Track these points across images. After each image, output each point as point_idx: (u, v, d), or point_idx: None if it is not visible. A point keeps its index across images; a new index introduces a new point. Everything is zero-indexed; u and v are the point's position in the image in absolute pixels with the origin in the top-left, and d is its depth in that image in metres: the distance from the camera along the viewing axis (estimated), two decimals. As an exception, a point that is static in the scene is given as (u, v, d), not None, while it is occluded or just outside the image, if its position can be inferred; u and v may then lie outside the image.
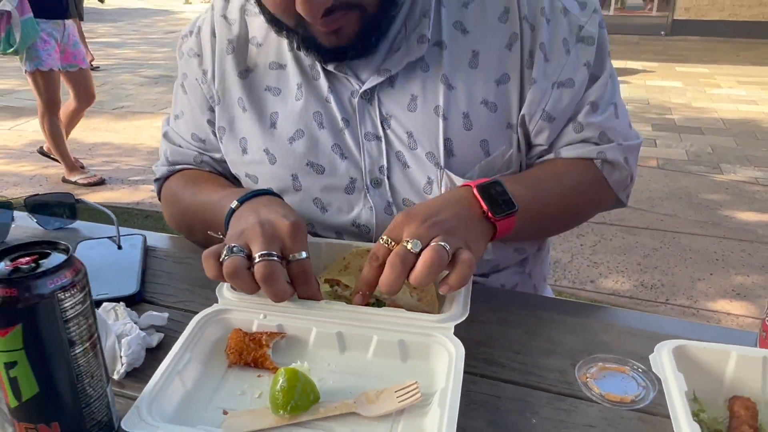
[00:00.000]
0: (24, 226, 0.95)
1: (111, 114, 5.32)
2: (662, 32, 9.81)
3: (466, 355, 0.59)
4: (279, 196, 0.77)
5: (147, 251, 0.89)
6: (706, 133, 4.71)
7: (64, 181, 3.76)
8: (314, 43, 0.75)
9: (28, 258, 0.48)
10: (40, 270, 0.46)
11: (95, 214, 1.01)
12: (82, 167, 3.85)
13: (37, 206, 0.96)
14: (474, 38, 0.79)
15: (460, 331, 0.62)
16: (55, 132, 3.61)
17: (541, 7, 0.78)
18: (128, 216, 3.16)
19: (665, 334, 0.66)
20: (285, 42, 0.83)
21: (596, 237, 2.99)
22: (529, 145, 0.84)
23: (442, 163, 0.79)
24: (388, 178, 0.82)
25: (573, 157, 0.82)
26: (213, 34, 0.88)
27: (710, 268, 2.64)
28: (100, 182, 3.76)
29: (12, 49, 3.23)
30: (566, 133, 0.82)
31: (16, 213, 0.95)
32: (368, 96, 0.81)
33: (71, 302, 0.47)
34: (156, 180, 0.98)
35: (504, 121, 0.80)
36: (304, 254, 0.65)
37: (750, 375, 0.58)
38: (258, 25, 0.85)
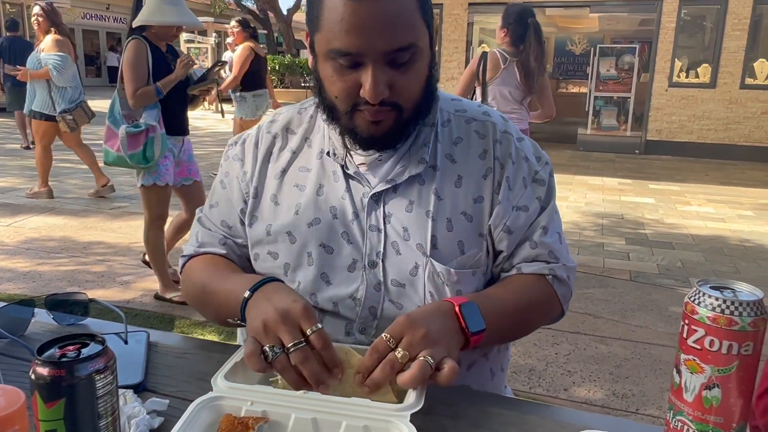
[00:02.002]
0: (42, 321, 1.08)
1: (107, 213, 5.51)
2: (636, 151, 10.41)
3: (420, 441, 0.71)
4: (282, 281, 0.95)
5: (150, 346, 1.01)
6: (676, 248, 4.95)
7: (158, 297, 3.58)
8: (353, 132, 0.98)
9: (72, 347, 0.61)
10: (82, 356, 0.60)
11: (104, 312, 1.14)
12: (176, 282, 3.60)
13: (54, 304, 1.10)
14: (460, 167, 1.04)
15: (416, 421, 0.74)
16: (159, 247, 3.53)
17: (509, 152, 1.06)
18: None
19: (591, 427, 0.78)
20: (315, 153, 1.07)
21: (571, 346, 3.10)
22: (495, 254, 1.05)
23: (428, 252, 1.00)
24: (383, 261, 1.01)
25: (530, 272, 1.05)
26: (256, 145, 1.11)
27: (679, 379, 2.73)
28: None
29: (148, 165, 3.21)
30: (524, 248, 1.05)
31: (36, 309, 1.08)
32: (376, 197, 1.02)
33: (103, 383, 0.60)
34: (183, 256, 1.15)
35: (477, 231, 1.03)
36: (318, 325, 0.82)
37: (650, 461, 0.70)
38: (296, 140, 1.10)
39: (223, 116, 3.77)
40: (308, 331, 0.81)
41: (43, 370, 0.58)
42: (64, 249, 4.47)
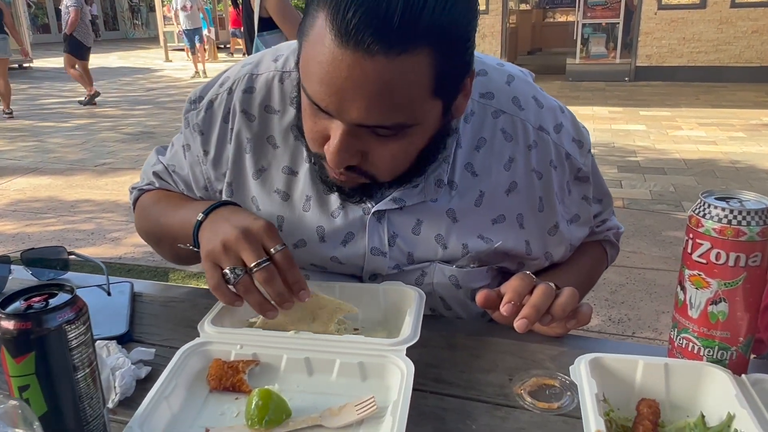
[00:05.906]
0: (20, 278, 1.03)
1: (92, 171, 5.41)
2: (626, 78, 10.24)
3: (417, 375, 0.68)
4: (238, 205, 0.86)
5: (134, 297, 0.97)
6: (668, 173, 4.92)
7: None
8: (323, 173, 0.80)
9: (39, 297, 0.57)
10: (49, 307, 0.56)
11: (85, 265, 1.10)
12: None
13: (32, 260, 1.05)
14: (481, 180, 0.87)
15: (413, 355, 0.71)
16: None
17: (549, 158, 0.89)
18: (111, 270, 3.21)
19: (592, 350, 0.76)
20: (303, 150, 0.88)
21: (566, 276, 3.11)
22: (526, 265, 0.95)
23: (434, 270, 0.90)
24: (385, 276, 0.91)
25: (587, 240, 1.03)
26: (225, 120, 0.91)
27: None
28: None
29: None
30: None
31: (13, 266, 1.04)
32: (378, 215, 0.87)
33: (75, 333, 0.56)
34: (134, 188, 1.06)
35: (497, 251, 0.90)
36: (283, 244, 0.75)
37: (655, 380, 0.68)
38: (277, 125, 0.89)
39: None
40: (272, 250, 0.74)
41: (9, 324, 0.54)
42: (51, 209, 4.40)
